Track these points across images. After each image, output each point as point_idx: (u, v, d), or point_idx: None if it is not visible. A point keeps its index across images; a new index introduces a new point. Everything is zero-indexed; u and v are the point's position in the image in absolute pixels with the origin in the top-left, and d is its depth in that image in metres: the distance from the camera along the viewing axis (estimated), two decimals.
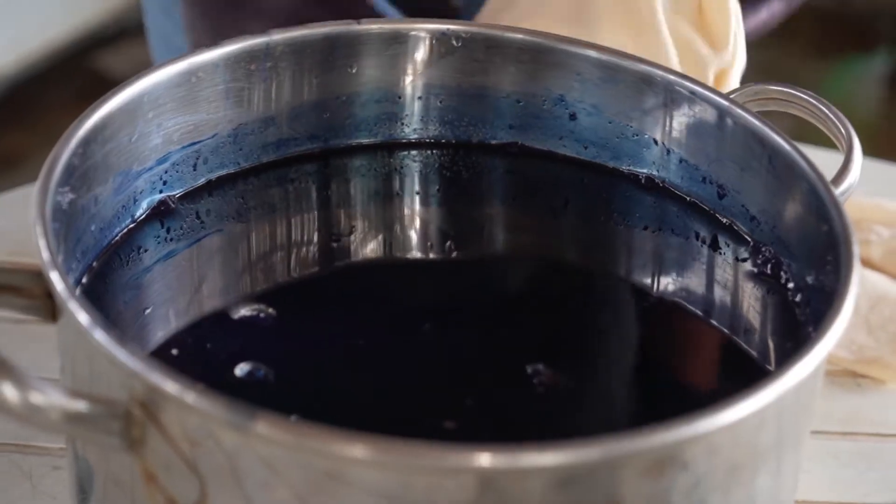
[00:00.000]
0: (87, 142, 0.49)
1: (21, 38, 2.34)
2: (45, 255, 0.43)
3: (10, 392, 0.38)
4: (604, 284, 0.58)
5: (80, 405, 0.39)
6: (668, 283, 0.56)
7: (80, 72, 2.43)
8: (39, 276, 0.43)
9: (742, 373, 0.52)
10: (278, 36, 0.56)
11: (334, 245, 0.57)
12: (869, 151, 0.62)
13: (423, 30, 0.58)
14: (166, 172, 0.54)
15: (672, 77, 0.56)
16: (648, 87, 0.57)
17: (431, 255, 0.58)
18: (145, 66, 1.00)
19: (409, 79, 0.59)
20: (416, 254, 0.58)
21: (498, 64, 0.59)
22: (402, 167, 0.60)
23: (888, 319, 0.68)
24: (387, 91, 0.59)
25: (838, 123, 0.55)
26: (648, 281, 0.57)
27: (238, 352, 0.48)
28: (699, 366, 0.54)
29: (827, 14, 2.82)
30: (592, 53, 0.58)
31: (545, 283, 0.57)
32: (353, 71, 0.58)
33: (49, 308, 0.44)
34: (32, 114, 2.33)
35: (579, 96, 0.58)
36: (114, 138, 0.51)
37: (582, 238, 0.60)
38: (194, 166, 0.55)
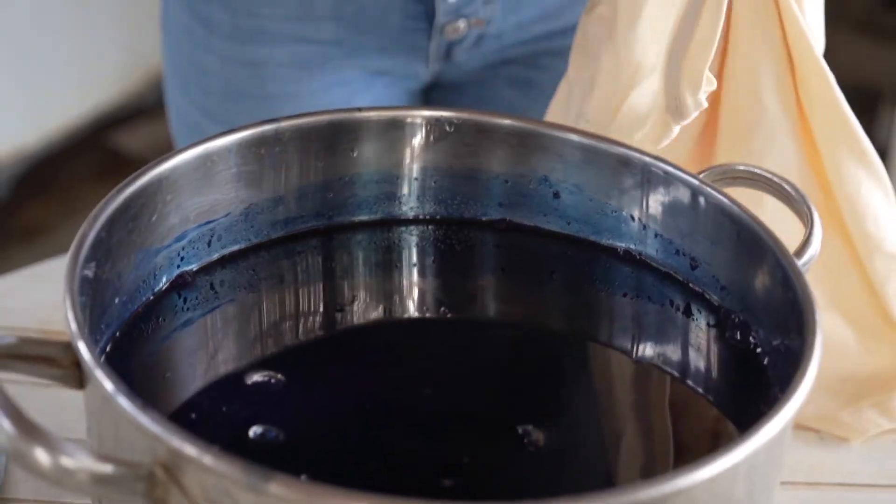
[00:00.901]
0: (112, 222, 0.50)
1: (44, 116, 2.34)
2: (74, 326, 0.43)
3: (43, 456, 0.39)
4: (587, 349, 0.58)
5: (106, 468, 0.39)
6: (646, 348, 0.56)
7: (98, 149, 2.44)
8: (68, 347, 0.43)
9: (717, 432, 0.52)
10: (286, 123, 0.57)
11: (338, 314, 0.58)
12: None
13: (418, 116, 0.59)
14: (183, 249, 0.55)
15: (648, 159, 0.57)
16: (626, 168, 0.57)
17: (428, 323, 0.58)
18: (159, 144, 1.02)
19: (406, 161, 0.59)
20: (413, 321, 0.58)
21: (487, 147, 0.59)
22: (400, 242, 0.60)
23: (840, 380, 0.68)
24: (386, 172, 0.59)
25: (800, 200, 0.55)
26: (628, 346, 0.57)
27: (251, 415, 0.48)
28: (677, 425, 0.54)
29: None
30: (574, 137, 0.58)
31: (533, 348, 0.57)
32: (355, 154, 0.59)
33: (77, 376, 0.44)
34: (53, 188, 2.33)
35: (562, 176, 0.59)
36: (136, 218, 0.52)
37: (566, 306, 0.60)
38: (209, 243, 0.56)
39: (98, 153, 2.42)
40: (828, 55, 0.68)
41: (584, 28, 0.70)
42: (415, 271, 0.60)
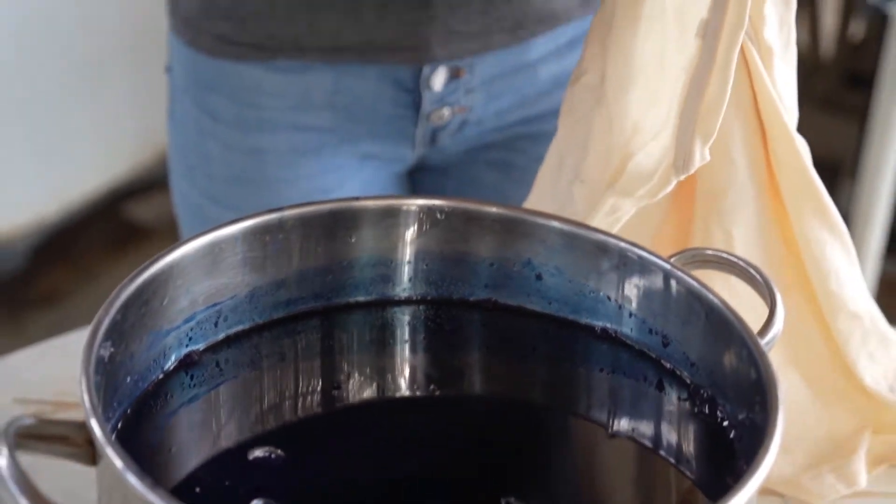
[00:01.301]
0: (126, 306, 0.50)
1: (63, 188, 2.35)
2: (88, 406, 0.44)
3: None
4: (567, 422, 0.58)
5: None
6: (621, 421, 0.56)
7: (113, 219, 2.44)
8: (82, 427, 0.44)
9: (688, 502, 0.52)
10: (289, 212, 0.57)
11: (335, 391, 0.58)
12: None
13: (412, 205, 0.59)
14: (192, 329, 0.55)
15: (623, 245, 0.57)
16: (603, 253, 0.57)
17: (419, 398, 0.58)
18: (170, 216, 1.01)
19: (400, 246, 0.60)
20: (406, 397, 0.58)
21: (475, 233, 0.60)
22: (394, 322, 0.60)
23: (797, 439, 0.68)
24: (381, 257, 0.60)
25: (763, 283, 0.56)
26: (605, 419, 0.57)
27: (252, 489, 0.48)
28: (651, 495, 0.55)
29: None
30: (555, 224, 0.59)
31: (517, 421, 0.57)
32: (353, 240, 0.59)
33: (90, 454, 0.44)
34: (71, 257, 2.33)
35: (544, 260, 0.59)
36: (149, 303, 0.52)
37: (548, 382, 0.60)
38: (216, 324, 0.56)
39: (113, 223, 2.42)
40: None
41: (571, 97, 0.70)
42: (407, 349, 0.60)
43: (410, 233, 0.60)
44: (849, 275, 0.68)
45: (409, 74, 0.90)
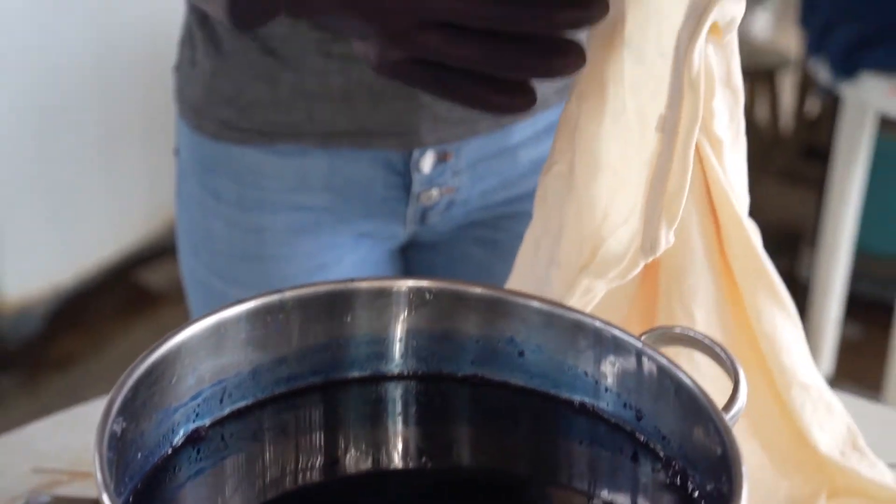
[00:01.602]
0: (137, 386, 0.50)
1: (78, 257, 2.35)
2: (101, 482, 0.44)
3: None
4: (547, 492, 0.58)
5: None
6: (600, 491, 0.56)
7: (125, 285, 2.44)
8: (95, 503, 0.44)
9: None
10: (290, 294, 0.57)
11: (333, 462, 0.57)
12: None
13: (403, 286, 0.59)
14: (198, 406, 0.55)
15: (598, 324, 0.57)
16: (580, 331, 0.58)
17: (411, 470, 0.58)
18: (179, 282, 1.01)
19: (392, 325, 0.60)
20: (399, 467, 0.58)
21: (462, 312, 0.60)
22: (387, 396, 0.60)
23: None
24: (375, 335, 0.60)
25: (727, 360, 0.56)
26: (585, 488, 0.57)
27: None
28: None
29: None
30: (535, 304, 0.59)
31: (500, 491, 0.57)
32: (349, 320, 0.59)
33: None
34: (85, 321, 2.33)
35: (526, 338, 0.59)
36: (158, 382, 0.52)
37: (530, 453, 0.60)
38: (221, 400, 0.56)
39: (125, 289, 2.42)
40: (755, 200, 0.69)
41: (543, 185, 0.70)
42: (400, 423, 0.60)
43: (401, 312, 0.60)
44: (798, 348, 0.69)
45: (399, 158, 0.91)
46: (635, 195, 0.64)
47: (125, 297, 2.42)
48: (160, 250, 2.52)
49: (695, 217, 0.66)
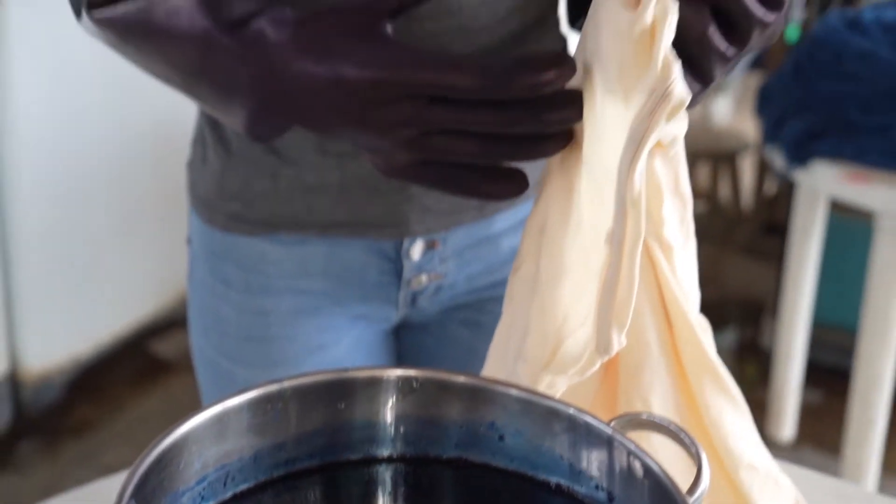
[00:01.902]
0: (148, 473, 0.50)
1: (95, 329, 2.35)
2: None
3: None
4: None
5: None
6: None
7: (138, 355, 2.44)
8: None
9: None
10: (288, 383, 0.57)
11: None
12: None
13: (392, 375, 0.60)
14: (204, 489, 0.54)
15: (572, 411, 0.57)
16: (555, 417, 0.58)
17: None
18: (189, 352, 1.01)
19: (383, 411, 0.60)
20: None
21: (446, 399, 0.60)
22: (379, 477, 0.60)
23: None
24: (367, 421, 0.60)
25: (691, 445, 0.56)
26: None
27: None
28: None
29: None
30: (514, 392, 0.59)
31: None
32: (343, 407, 0.59)
33: None
34: (101, 389, 2.32)
35: (506, 423, 0.59)
36: (167, 468, 0.52)
37: None
38: (224, 483, 0.56)
39: (138, 359, 2.42)
40: (720, 273, 0.71)
41: (511, 285, 0.71)
42: (390, 502, 0.60)
43: (391, 400, 0.60)
44: (745, 433, 0.69)
45: (391, 247, 0.92)
46: (592, 300, 0.65)
47: (138, 367, 2.41)
48: (170, 322, 2.52)
49: (649, 317, 0.67)
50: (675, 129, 0.64)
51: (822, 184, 1.91)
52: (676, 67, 0.61)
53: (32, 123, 2.10)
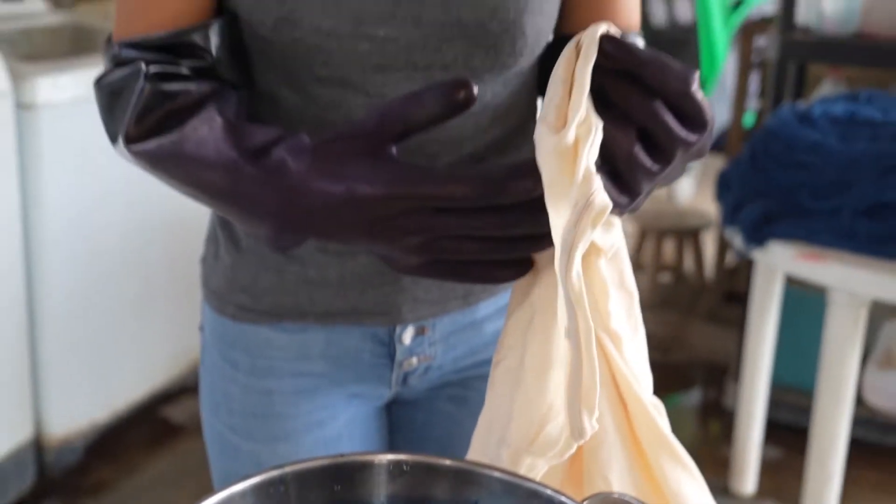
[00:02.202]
0: None
1: (112, 396, 2.33)
2: None
3: None
4: None
5: None
6: None
7: (152, 420, 2.42)
8: None
9: None
10: (289, 468, 0.58)
11: None
12: None
13: (384, 459, 0.60)
14: None
15: (549, 492, 0.57)
16: (536, 498, 0.58)
17: None
18: (199, 417, 1.01)
19: (376, 492, 0.60)
20: None
21: (434, 480, 0.60)
22: None
23: None
24: (362, 501, 0.60)
25: None
26: None
27: None
28: None
29: (654, 362, 2.87)
30: (496, 474, 0.59)
31: None
32: (339, 489, 0.59)
33: None
34: (118, 452, 2.30)
35: (489, 503, 0.59)
36: None
37: None
38: None
39: (152, 423, 2.40)
40: (685, 338, 0.71)
41: (494, 377, 0.72)
42: None
43: (383, 482, 0.60)
44: (702, 499, 0.69)
45: (385, 333, 0.92)
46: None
47: (152, 431, 2.39)
48: (181, 389, 2.51)
49: (605, 401, 0.67)
50: (611, 238, 0.66)
51: (778, 262, 1.93)
52: (597, 180, 0.62)
53: (60, 210, 2.11)
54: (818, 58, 2.23)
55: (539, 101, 0.94)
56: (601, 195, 0.62)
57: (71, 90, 2.06)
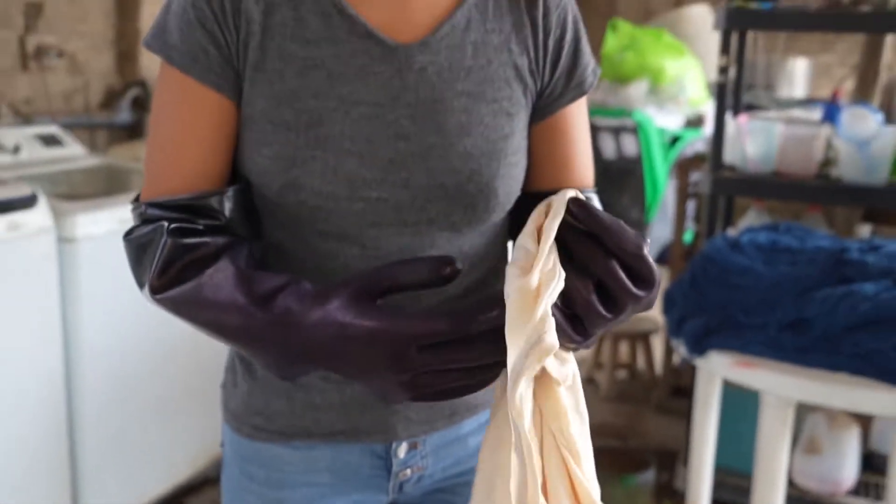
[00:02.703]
0: None
1: (141, 489, 2.29)
2: None
3: None
4: None
5: None
6: None
7: None
8: None
9: None
10: None
11: None
12: None
13: None
14: None
15: None
16: None
17: None
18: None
19: None
20: None
21: None
22: None
23: None
24: None
25: None
26: None
27: None
28: None
29: (613, 448, 2.83)
30: None
31: None
32: None
33: None
34: None
35: None
36: None
37: None
38: None
39: None
40: (639, 427, 0.71)
41: (475, 485, 0.72)
42: None
43: None
44: None
45: (382, 448, 0.92)
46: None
47: None
48: (203, 481, 2.46)
49: (564, 499, 0.67)
50: (565, 370, 0.67)
51: (717, 369, 1.93)
52: (550, 322, 0.64)
53: (96, 327, 2.11)
54: (743, 192, 2.28)
55: (510, 245, 0.96)
56: (551, 336, 0.64)
57: (106, 224, 2.08)
